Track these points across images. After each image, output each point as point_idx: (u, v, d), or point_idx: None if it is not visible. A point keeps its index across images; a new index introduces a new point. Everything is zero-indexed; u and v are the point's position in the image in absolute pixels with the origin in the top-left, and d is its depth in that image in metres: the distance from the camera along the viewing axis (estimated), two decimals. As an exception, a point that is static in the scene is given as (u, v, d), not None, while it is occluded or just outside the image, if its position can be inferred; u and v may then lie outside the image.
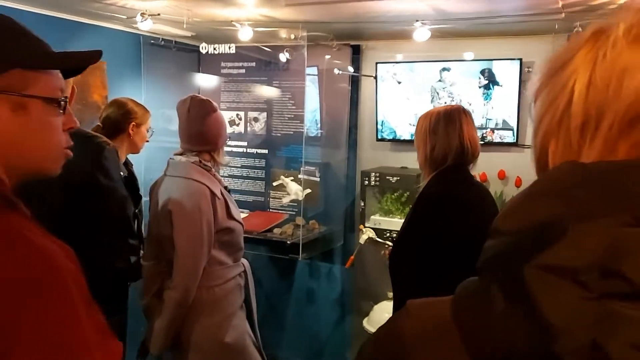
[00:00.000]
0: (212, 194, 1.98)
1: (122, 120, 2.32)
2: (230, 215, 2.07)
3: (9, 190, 0.79)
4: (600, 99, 0.43)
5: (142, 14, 2.70)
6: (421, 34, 2.61)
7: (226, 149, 3.54)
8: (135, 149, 2.41)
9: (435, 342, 0.45)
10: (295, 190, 3.46)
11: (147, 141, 2.46)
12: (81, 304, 0.72)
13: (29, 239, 0.72)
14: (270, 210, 3.55)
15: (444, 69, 3.11)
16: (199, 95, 2.13)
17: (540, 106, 0.49)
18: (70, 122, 0.90)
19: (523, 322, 0.38)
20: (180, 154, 2.10)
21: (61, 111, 0.86)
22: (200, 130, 2.05)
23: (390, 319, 0.53)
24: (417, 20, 2.52)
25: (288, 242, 3.13)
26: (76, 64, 0.93)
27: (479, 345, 0.41)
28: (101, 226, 1.97)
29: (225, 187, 2.13)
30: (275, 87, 3.53)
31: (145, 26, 2.78)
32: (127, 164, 2.43)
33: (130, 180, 2.37)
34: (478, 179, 1.92)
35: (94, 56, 0.92)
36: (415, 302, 0.50)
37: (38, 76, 0.82)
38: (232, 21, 2.79)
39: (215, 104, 2.12)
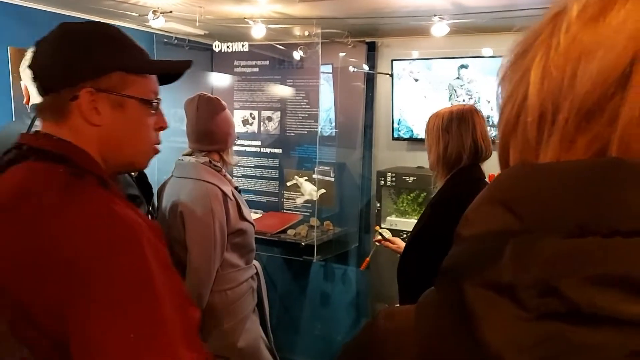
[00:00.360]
0: (224, 195, 1.93)
1: None
2: (242, 216, 2.02)
3: (104, 172, 0.93)
4: (556, 90, 0.39)
5: (154, 12, 2.66)
6: (439, 29, 2.53)
7: (239, 148, 3.53)
8: None
9: (394, 355, 0.43)
10: (309, 190, 3.40)
11: None
12: (157, 266, 0.82)
13: (114, 209, 0.85)
14: (284, 211, 3.50)
15: (462, 66, 3.02)
16: (207, 94, 2.08)
17: (503, 96, 0.45)
18: (160, 122, 1.05)
19: (466, 341, 0.35)
20: (189, 155, 2.05)
21: (153, 111, 1.01)
22: (209, 129, 2.00)
23: (362, 326, 0.50)
24: (435, 15, 2.44)
25: (302, 243, 3.07)
26: (171, 70, 1.08)
27: None
28: None
29: (236, 188, 2.08)
30: (289, 85, 3.47)
31: (157, 24, 2.74)
32: None
33: (142, 179, 2.32)
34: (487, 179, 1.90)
35: (186, 65, 1.06)
36: (386, 310, 0.48)
37: (136, 79, 0.96)
38: (245, 18, 2.73)
39: (223, 102, 2.07)
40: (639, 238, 0.31)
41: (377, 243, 3.03)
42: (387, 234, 3.08)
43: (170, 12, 2.67)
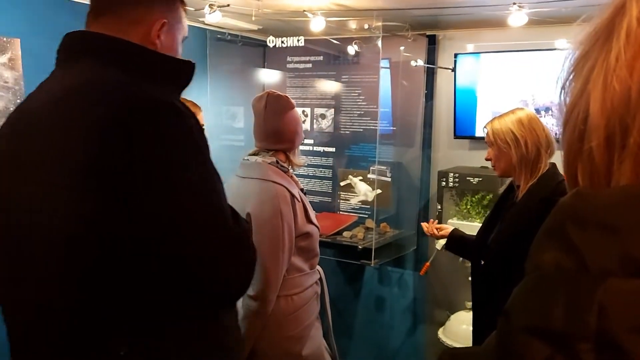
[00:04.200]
0: (292, 196, 1.83)
1: None
2: (308, 219, 1.92)
3: None
4: (621, 108, 0.34)
5: (211, 5, 2.58)
6: (517, 18, 2.35)
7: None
8: None
9: None
10: (364, 190, 3.27)
11: None
12: None
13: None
14: (340, 212, 3.37)
15: (533, 60, 2.82)
16: (276, 91, 1.97)
17: (563, 110, 0.40)
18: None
19: None
20: (255, 154, 1.96)
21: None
22: (277, 128, 1.91)
23: None
24: (514, 4, 2.26)
25: (359, 246, 2.94)
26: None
27: None
28: None
29: (302, 189, 1.98)
30: (344, 81, 3.34)
31: (213, 18, 2.66)
32: None
33: None
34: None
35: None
36: (449, 352, 0.46)
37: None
38: (304, 11, 2.62)
39: (292, 100, 1.97)
40: None
41: (437, 248, 2.89)
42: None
43: (228, 5, 2.58)
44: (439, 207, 2.99)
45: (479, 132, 3.02)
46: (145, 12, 1.15)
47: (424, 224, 2.41)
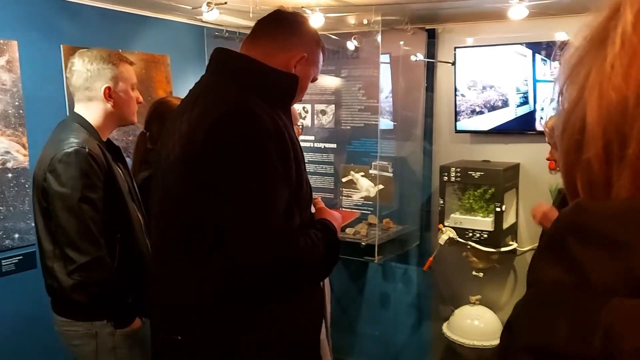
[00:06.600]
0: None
1: None
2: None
3: None
4: (618, 117, 0.32)
5: (209, 4, 2.55)
6: (517, 11, 2.33)
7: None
8: None
9: None
10: (366, 186, 3.25)
11: None
12: None
13: None
14: (343, 208, 3.36)
15: (533, 53, 2.80)
16: None
17: (561, 116, 0.39)
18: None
19: None
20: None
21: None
22: None
23: None
24: (514, -4, 2.24)
25: (363, 243, 2.92)
26: None
27: None
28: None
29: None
30: (344, 77, 3.32)
31: (211, 16, 2.63)
32: None
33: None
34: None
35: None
36: None
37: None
38: (302, 7, 2.59)
39: None
40: None
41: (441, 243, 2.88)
42: (452, 234, 2.91)
43: (225, 3, 2.56)
44: (442, 201, 2.97)
45: (481, 126, 3.01)
46: (294, 43, 1.41)
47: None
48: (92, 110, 1.83)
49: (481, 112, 2.98)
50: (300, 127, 2.14)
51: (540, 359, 0.31)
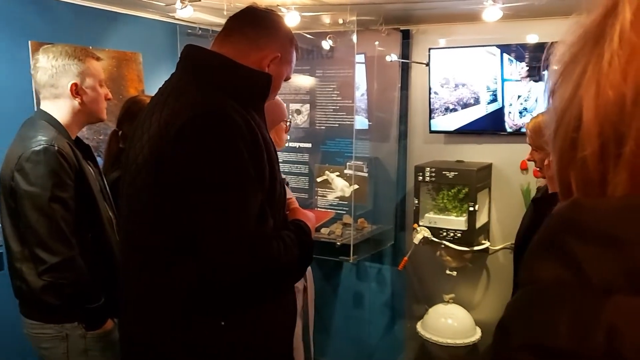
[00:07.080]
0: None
1: None
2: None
3: None
4: (615, 115, 0.32)
5: (182, 1, 2.51)
6: (492, 13, 2.36)
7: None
8: None
9: None
10: (341, 186, 3.25)
11: None
12: None
13: None
14: (318, 208, 3.35)
15: (503, 53, 2.84)
16: None
17: (553, 115, 0.38)
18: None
19: None
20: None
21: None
22: None
23: None
24: (488, -2, 2.27)
25: (338, 243, 2.92)
26: None
27: None
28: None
29: (287, 182, 1.95)
30: (318, 76, 3.31)
31: (184, 13, 2.60)
32: None
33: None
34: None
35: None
36: None
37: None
38: (277, 5, 2.58)
39: None
40: None
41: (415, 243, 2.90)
42: (427, 233, 2.94)
43: (199, 0, 2.52)
44: (416, 201, 2.99)
45: (454, 126, 3.04)
46: (267, 42, 1.39)
47: None
48: (59, 108, 1.78)
49: (455, 110, 3.01)
50: (289, 122, 2.11)
51: (540, 357, 0.30)
